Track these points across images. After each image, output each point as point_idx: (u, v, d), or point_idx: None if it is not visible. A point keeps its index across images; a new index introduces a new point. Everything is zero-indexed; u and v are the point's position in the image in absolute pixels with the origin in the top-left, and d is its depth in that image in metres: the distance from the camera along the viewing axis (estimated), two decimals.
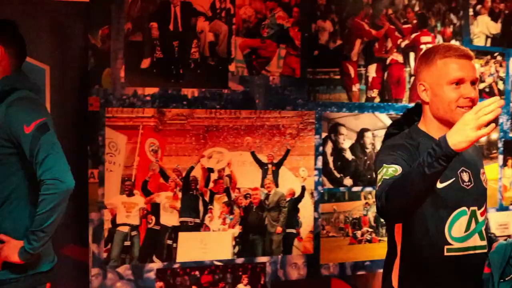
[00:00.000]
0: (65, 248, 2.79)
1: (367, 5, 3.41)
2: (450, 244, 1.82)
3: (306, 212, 3.23)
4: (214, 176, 3.02)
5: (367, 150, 3.41)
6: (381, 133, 3.40)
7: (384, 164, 1.76)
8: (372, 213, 3.40)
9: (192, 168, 2.97)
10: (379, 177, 1.75)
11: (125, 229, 2.85)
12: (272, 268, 3.14)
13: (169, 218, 2.92)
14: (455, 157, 1.62)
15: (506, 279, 1.86)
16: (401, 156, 1.79)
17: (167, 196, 2.92)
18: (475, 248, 1.88)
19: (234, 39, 3.06)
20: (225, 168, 3.04)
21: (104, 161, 2.81)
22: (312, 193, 3.25)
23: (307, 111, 3.23)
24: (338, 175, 3.33)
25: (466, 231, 1.86)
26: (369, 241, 3.40)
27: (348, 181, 3.36)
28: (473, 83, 1.86)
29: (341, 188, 3.35)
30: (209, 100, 3.01)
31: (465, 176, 1.88)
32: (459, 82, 1.83)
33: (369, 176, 3.41)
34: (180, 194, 2.94)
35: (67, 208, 2.14)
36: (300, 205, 3.22)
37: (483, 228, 1.90)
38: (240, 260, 3.07)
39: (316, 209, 3.26)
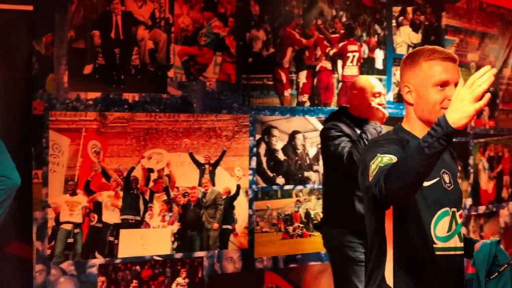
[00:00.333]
0: (10, 246, 2.90)
1: (298, 15, 3.64)
2: (435, 243, 1.80)
3: (241, 209, 3.44)
4: (154, 176, 3.19)
5: (298, 151, 3.65)
6: (311, 135, 3.66)
7: (378, 154, 1.71)
8: (303, 209, 3.66)
9: (133, 168, 3.13)
10: (373, 166, 1.69)
11: (68, 226, 2.99)
12: (209, 262, 3.33)
13: (111, 216, 3.08)
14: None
15: (491, 277, 1.84)
16: (394, 148, 1.75)
17: (109, 195, 3.08)
18: (455, 249, 1.86)
19: (173, 47, 3.23)
20: (164, 168, 3.21)
21: (48, 162, 2.94)
22: (246, 191, 3.45)
23: (242, 115, 3.44)
24: (271, 175, 3.55)
25: (448, 231, 1.83)
26: (300, 236, 3.65)
27: (280, 180, 3.59)
28: (456, 85, 1.81)
29: (274, 187, 3.57)
30: (149, 104, 3.18)
31: (446, 178, 1.88)
32: (443, 84, 1.81)
33: (300, 175, 3.65)
34: (121, 193, 3.10)
35: (12, 208, 2.26)
36: (235, 203, 3.42)
37: (461, 230, 1.89)
38: (178, 255, 3.24)
39: (250, 206, 3.47)
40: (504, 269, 1.85)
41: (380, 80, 3.95)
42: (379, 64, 4.01)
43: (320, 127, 3.70)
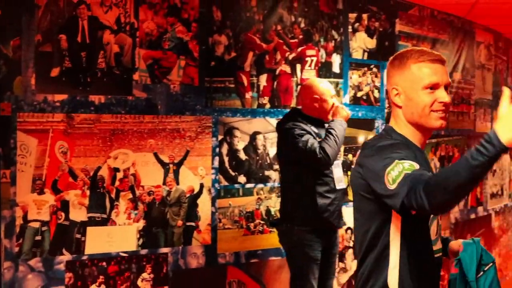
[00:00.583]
0: None
1: (259, 21, 3.79)
2: (433, 247, 1.82)
3: (205, 207, 3.57)
4: (119, 175, 3.30)
5: (259, 151, 3.81)
6: (272, 135, 3.82)
7: (396, 160, 1.64)
8: (263, 207, 3.81)
9: (99, 168, 3.24)
10: (393, 173, 1.61)
11: (36, 224, 3.09)
12: (174, 258, 3.46)
13: (78, 214, 3.19)
14: (427, 160, 1.72)
15: (478, 276, 1.84)
16: (407, 152, 1.71)
17: (76, 194, 3.18)
18: (439, 251, 1.88)
19: (137, 51, 3.35)
20: (130, 168, 3.33)
21: (15, 162, 3.03)
22: (209, 190, 3.59)
23: (205, 116, 3.57)
24: (233, 174, 3.69)
25: (436, 234, 1.84)
26: (261, 232, 3.79)
27: (242, 179, 3.73)
28: (446, 87, 1.81)
29: (236, 185, 3.71)
30: (115, 106, 3.29)
31: None
32: (433, 87, 1.77)
33: (260, 174, 3.80)
34: (88, 192, 3.21)
35: None
36: (199, 201, 3.55)
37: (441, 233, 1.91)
38: (144, 251, 3.36)
39: (213, 204, 3.61)
40: (489, 268, 1.87)
41: (337, 83, 4.19)
42: (336, 68, 4.20)
43: None
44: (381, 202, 1.70)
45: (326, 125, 3.39)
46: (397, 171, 1.62)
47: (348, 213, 3.53)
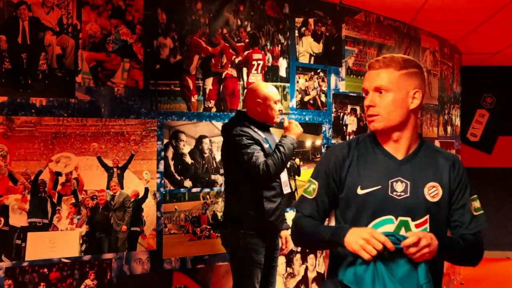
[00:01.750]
0: None
1: (204, 24, 3.89)
2: None
3: (150, 211, 3.64)
4: (62, 179, 3.34)
5: (205, 155, 3.89)
6: (218, 139, 3.91)
7: (311, 178, 2.09)
8: (210, 211, 3.90)
9: (40, 172, 3.28)
10: (304, 187, 2.09)
11: None
12: (118, 263, 3.50)
13: (18, 219, 3.21)
14: (391, 166, 1.96)
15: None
16: (325, 167, 2.05)
17: (16, 199, 3.20)
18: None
19: (80, 53, 3.40)
20: (72, 172, 3.37)
21: None
22: (155, 194, 3.66)
23: (149, 120, 3.64)
24: (178, 178, 3.77)
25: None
26: (208, 237, 3.88)
27: (188, 183, 3.81)
28: (377, 90, 1.98)
29: (182, 190, 3.78)
30: (57, 108, 3.33)
31: (399, 187, 1.94)
32: (366, 93, 2.01)
33: (207, 178, 3.89)
34: (29, 196, 3.24)
35: None
36: (143, 205, 3.62)
37: None
38: (87, 257, 3.40)
39: (158, 208, 3.68)
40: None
41: (284, 87, 4.32)
42: (282, 72, 4.34)
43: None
44: None
45: (271, 129, 3.54)
46: (303, 188, 2.14)
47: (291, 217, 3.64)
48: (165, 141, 3.71)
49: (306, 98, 4.50)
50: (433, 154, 2.06)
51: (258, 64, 4.17)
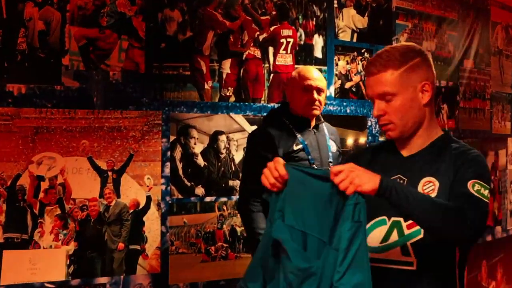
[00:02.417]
0: None
1: None
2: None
3: (152, 225, 3.62)
4: (45, 185, 3.33)
5: (221, 156, 3.87)
6: (238, 136, 3.89)
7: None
8: (227, 226, 3.88)
9: (18, 176, 3.27)
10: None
11: None
12: None
13: None
14: (395, 164, 2.11)
15: None
16: None
17: None
18: (392, 262, 2.07)
19: (68, 29, 3.39)
20: (58, 176, 3.36)
21: None
22: (159, 204, 3.64)
23: (153, 111, 3.62)
24: (188, 184, 3.74)
25: (382, 242, 2.07)
26: (224, 257, 3.85)
27: (199, 190, 3.79)
28: (382, 97, 2.12)
29: (192, 198, 3.76)
30: (39, 97, 3.32)
31: None
32: (372, 100, 2.16)
33: (223, 185, 3.86)
34: (4, 206, 3.24)
35: None
36: (145, 218, 3.60)
37: (409, 243, 2.06)
38: (75, 282, 3.39)
39: (163, 222, 3.66)
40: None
41: (320, 71, 4.27)
42: (318, 53, 4.30)
43: (248, 127, 3.94)
44: None
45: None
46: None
47: None
48: (172, 138, 3.69)
49: (347, 85, 4.46)
50: (442, 149, 2.15)
51: (288, 43, 4.14)
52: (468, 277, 5.46)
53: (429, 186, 2.08)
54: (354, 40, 4.51)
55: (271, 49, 4.09)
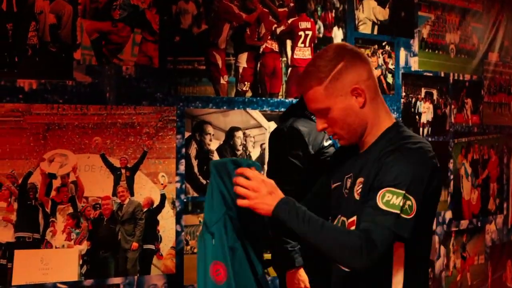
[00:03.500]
0: None
1: None
2: None
3: (167, 224, 3.62)
4: (56, 183, 3.33)
5: (238, 152, 3.86)
6: (254, 132, 3.87)
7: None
8: None
9: (30, 173, 3.27)
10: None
11: None
12: None
13: (3, 233, 3.20)
14: (351, 160, 2.14)
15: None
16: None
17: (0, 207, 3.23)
18: None
19: (79, 22, 3.38)
20: (69, 174, 3.36)
21: None
22: (173, 202, 3.64)
23: (167, 107, 3.62)
24: (204, 181, 3.73)
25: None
26: None
27: None
28: (318, 113, 2.18)
29: None
30: (50, 93, 3.32)
31: (348, 183, 2.13)
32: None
33: None
34: (15, 205, 3.24)
35: None
36: (159, 217, 3.60)
37: None
38: (88, 282, 3.40)
39: (178, 221, 3.66)
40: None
41: None
42: None
43: (265, 123, 3.92)
44: None
45: None
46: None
47: None
48: (187, 134, 3.69)
49: None
50: (381, 144, 2.10)
51: (306, 35, 4.12)
52: (493, 277, 5.43)
53: (360, 187, 2.08)
54: (375, 32, 4.49)
55: (289, 42, 4.07)
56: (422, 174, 1.96)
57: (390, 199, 1.91)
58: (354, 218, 2.05)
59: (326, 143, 3.19)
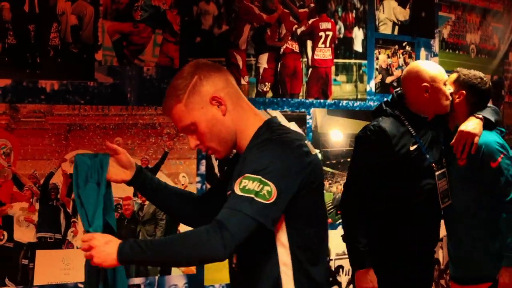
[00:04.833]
0: None
1: None
2: None
3: None
4: None
5: None
6: None
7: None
8: None
9: (51, 174, 3.28)
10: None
11: None
12: None
13: (25, 234, 3.21)
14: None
15: None
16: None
17: (21, 208, 3.21)
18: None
19: (101, 23, 3.39)
20: None
21: None
22: None
23: None
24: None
25: None
26: None
27: None
28: (186, 131, 2.18)
29: None
30: (72, 94, 3.33)
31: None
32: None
33: None
34: (37, 205, 3.24)
35: None
36: None
37: None
38: None
39: None
40: None
41: (360, 65, 4.23)
42: (358, 46, 4.27)
43: (286, 123, 3.90)
44: None
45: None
46: None
47: None
48: None
49: (389, 80, 4.42)
50: (253, 143, 2.10)
51: (327, 36, 4.10)
52: None
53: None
54: (396, 33, 4.47)
55: (309, 43, 4.06)
56: (287, 163, 1.97)
57: (246, 185, 1.92)
58: None
59: (412, 148, 3.09)
